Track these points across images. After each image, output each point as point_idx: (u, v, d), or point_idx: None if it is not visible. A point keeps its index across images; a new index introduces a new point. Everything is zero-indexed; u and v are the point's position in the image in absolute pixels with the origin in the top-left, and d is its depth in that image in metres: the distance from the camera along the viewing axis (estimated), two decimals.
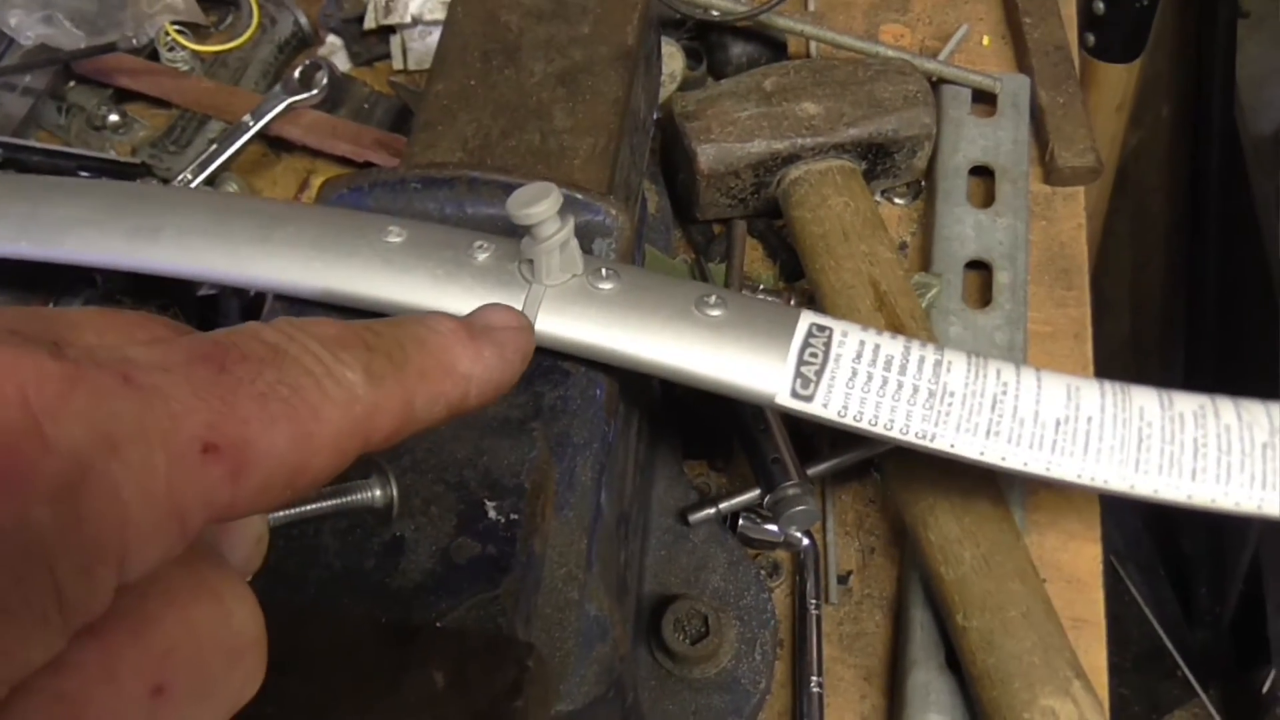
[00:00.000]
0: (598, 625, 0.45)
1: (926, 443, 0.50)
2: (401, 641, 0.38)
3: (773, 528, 0.68)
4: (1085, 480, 0.49)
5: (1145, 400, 0.50)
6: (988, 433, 0.49)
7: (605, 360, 0.51)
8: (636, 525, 0.61)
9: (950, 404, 0.50)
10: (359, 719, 0.36)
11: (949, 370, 0.50)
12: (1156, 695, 1.56)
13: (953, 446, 0.49)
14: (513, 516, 0.43)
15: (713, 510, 0.67)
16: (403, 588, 0.41)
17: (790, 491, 0.63)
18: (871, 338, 0.51)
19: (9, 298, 0.71)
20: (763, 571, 0.69)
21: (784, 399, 0.50)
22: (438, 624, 0.39)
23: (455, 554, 0.42)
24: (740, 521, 0.69)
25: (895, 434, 0.50)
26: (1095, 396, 0.50)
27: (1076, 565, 0.69)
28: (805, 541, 0.69)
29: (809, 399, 0.49)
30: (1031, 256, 0.79)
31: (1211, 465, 0.49)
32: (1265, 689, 1.41)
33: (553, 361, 0.51)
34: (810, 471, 0.67)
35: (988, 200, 0.80)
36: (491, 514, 0.43)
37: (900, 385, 0.50)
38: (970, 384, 0.50)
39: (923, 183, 0.84)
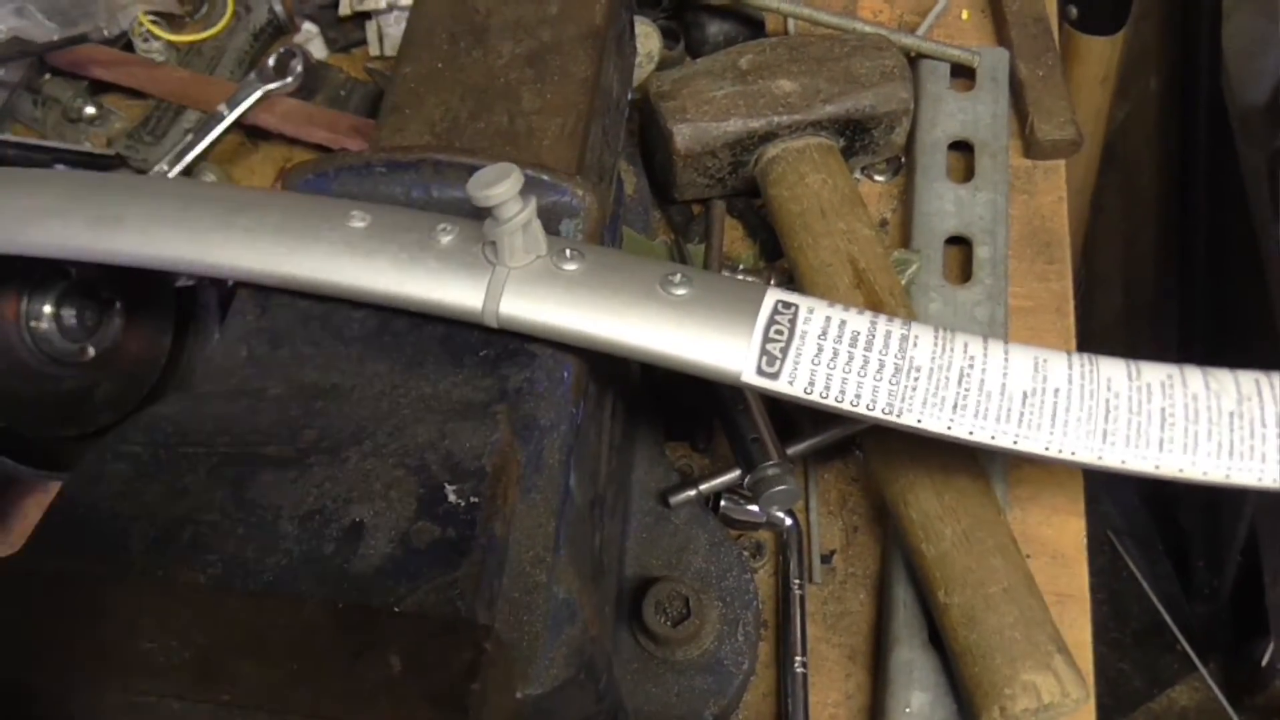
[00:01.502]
0: (566, 608, 0.45)
1: (893, 418, 0.49)
2: (358, 626, 0.37)
3: (755, 508, 0.68)
4: (1053, 453, 0.49)
5: (1113, 371, 0.50)
6: (954, 407, 0.49)
7: (570, 341, 0.50)
8: (614, 507, 0.61)
9: (916, 379, 0.49)
10: (315, 703, 0.35)
11: (915, 345, 0.50)
12: (1156, 669, 1.56)
13: (919, 421, 0.49)
14: (473, 500, 0.43)
15: (694, 491, 0.67)
16: (362, 573, 0.41)
17: (770, 471, 0.62)
18: (838, 314, 0.50)
19: None
20: (745, 552, 0.68)
21: (750, 376, 0.49)
22: (395, 608, 0.39)
23: (415, 538, 0.42)
24: (722, 503, 0.69)
25: (862, 410, 0.49)
26: (1063, 369, 0.50)
27: (1060, 540, 0.68)
28: (789, 521, 0.69)
29: (774, 376, 0.49)
30: (1012, 231, 0.79)
31: (1179, 435, 0.48)
32: (1264, 660, 1.41)
33: (519, 344, 0.51)
34: (791, 451, 0.67)
35: (967, 175, 0.80)
36: (451, 497, 0.43)
37: (866, 361, 0.49)
38: (937, 358, 0.50)
39: (902, 159, 0.83)
